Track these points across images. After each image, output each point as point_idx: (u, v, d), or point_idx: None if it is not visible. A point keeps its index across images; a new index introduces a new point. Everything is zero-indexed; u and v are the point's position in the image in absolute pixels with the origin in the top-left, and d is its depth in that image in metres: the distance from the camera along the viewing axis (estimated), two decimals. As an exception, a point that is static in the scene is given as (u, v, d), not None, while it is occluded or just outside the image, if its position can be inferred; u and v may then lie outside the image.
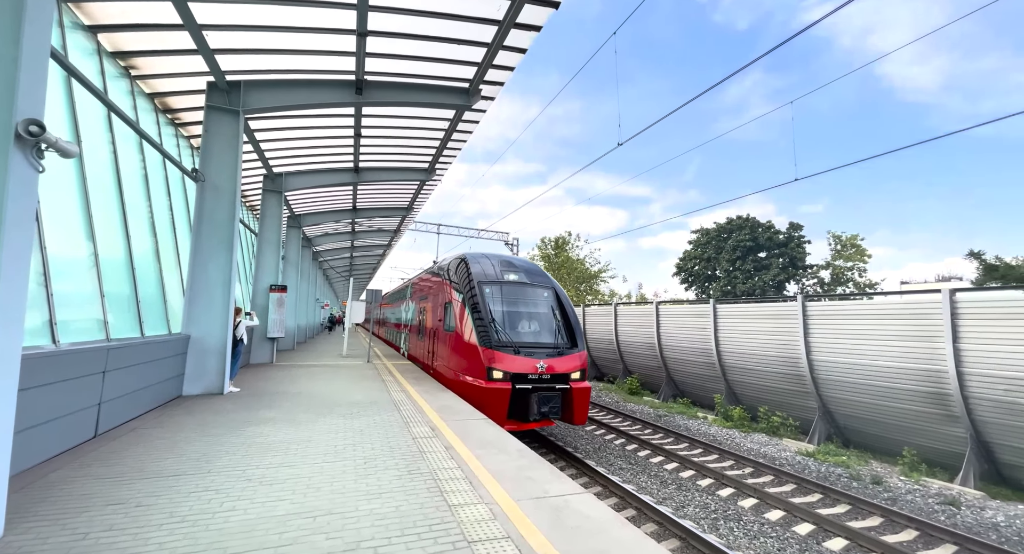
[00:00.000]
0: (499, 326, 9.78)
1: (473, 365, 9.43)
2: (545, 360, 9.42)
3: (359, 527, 3.46)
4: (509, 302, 10.47)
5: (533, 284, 11.14)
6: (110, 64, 7.98)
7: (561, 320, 10.72)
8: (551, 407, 9.19)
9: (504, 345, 9.44)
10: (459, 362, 10.09)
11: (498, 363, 9.12)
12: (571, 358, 9.85)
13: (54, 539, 3.16)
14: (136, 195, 8.39)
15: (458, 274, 11.12)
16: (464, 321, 10.01)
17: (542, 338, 10.23)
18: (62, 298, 5.57)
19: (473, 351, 9.52)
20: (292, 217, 20.04)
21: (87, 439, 5.44)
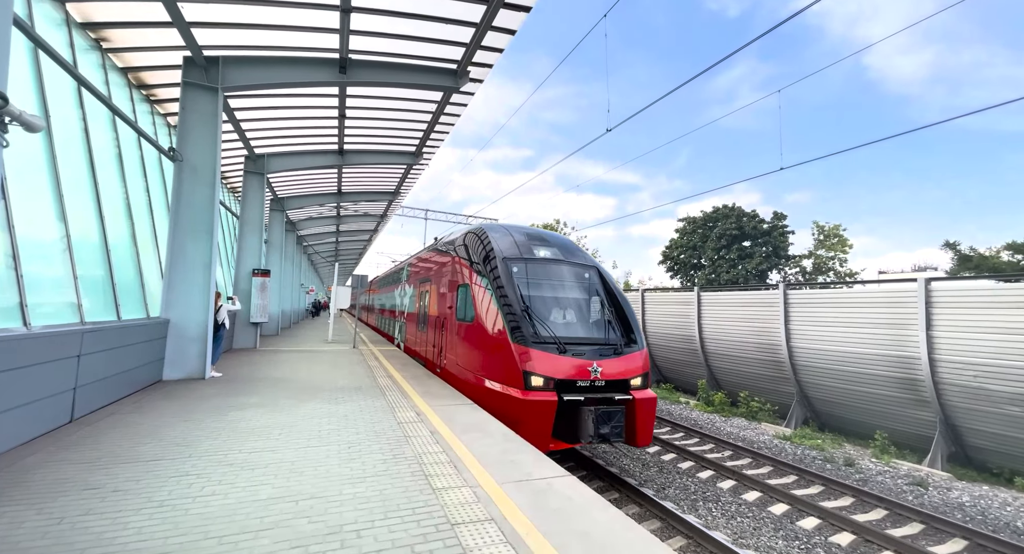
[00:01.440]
0: (536, 316, 7.53)
1: (503, 368, 7.25)
2: (599, 361, 7.27)
3: (342, 511, 3.46)
4: (544, 285, 8.29)
5: (571, 262, 8.87)
6: (80, 36, 7.62)
7: (612, 308, 8.43)
8: (613, 426, 6.87)
9: (544, 342, 7.20)
10: (481, 362, 7.91)
11: (538, 366, 6.95)
12: (631, 359, 7.65)
13: (29, 523, 3.10)
14: (110, 174, 8.11)
15: (476, 250, 8.83)
16: (487, 309, 7.86)
17: (591, 332, 8.05)
18: (33, 280, 5.39)
19: (502, 349, 7.30)
20: (275, 200, 19.62)
21: (63, 424, 5.32)
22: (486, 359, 7.78)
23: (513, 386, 7.00)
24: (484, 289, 8.08)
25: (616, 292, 8.69)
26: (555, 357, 7.08)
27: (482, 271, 8.32)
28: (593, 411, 6.80)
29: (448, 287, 9.97)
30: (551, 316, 7.92)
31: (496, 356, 7.46)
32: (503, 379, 7.22)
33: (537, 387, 6.87)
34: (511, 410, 6.87)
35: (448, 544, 3.06)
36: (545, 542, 3.12)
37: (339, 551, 2.92)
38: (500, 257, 8.23)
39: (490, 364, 7.63)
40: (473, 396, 7.88)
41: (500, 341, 7.39)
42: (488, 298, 7.90)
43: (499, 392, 7.18)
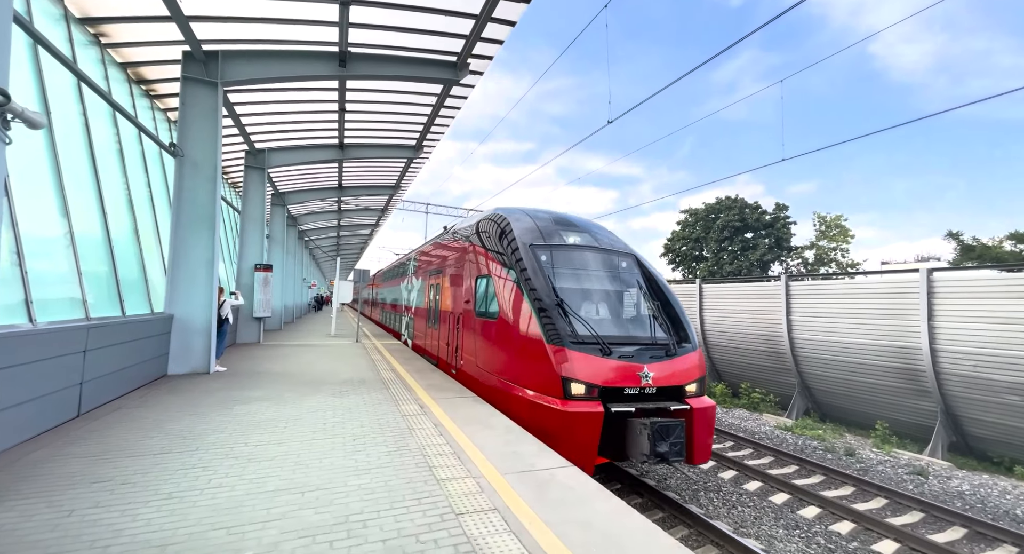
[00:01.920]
0: (572, 312, 6.61)
1: (536, 373, 6.36)
2: (649, 365, 6.36)
3: (348, 502, 3.51)
4: (577, 275, 7.41)
5: (606, 248, 7.93)
6: (78, 31, 7.59)
7: (658, 301, 7.51)
8: (673, 443, 5.80)
9: (585, 342, 6.27)
10: (509, 366, 6.98)
11: (580, 371, 6.04)
12: (685, 361, 6.73)
13: (39, 516, 3.15)
14: (111, 170, 8.12)
15: (497, 237, 7.92)
16: (513, 304, 6.93)
17: (636, 330, 7.06)
18: (38, 277, 5.42)
19: (535, 351, 6.40)
20: (276, 195, 19.61)
21: (70, 418, 5.39)
22: (515, 362, 6.81)
23: (550, 395, 6.09)
24: (509, 281, 7.14)
25: (659, 282, 7.73)
26: (598, 360, 6.17)
27: (506, 261, 7.34)
28: (648, 425, 5.74)
29: (464, 279, 9.00)
30: (589, 312, 7.00)
31: (528, 359, 6.53)
32: (537, 386, 6.30)
33: (578, 396, 5.97)
34: (548, 423, 5.94)
35: (453, 533, 3.10)
36: (548, 531, 3.16)
37: (345, 540, 2.97)
38: (526, 244, 7.29)
39: (520, 368, 6.67)
40: (499, 404, 6.85)
41: (532, 342, 6.46)
42: (515, 291, 6.94)
43: (532, 401, 6.25)
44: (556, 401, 6.00)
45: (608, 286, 7.56)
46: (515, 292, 6.94)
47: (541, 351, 6.31)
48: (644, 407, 6.18)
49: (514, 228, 7.74)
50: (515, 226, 7.80)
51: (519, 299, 6.84)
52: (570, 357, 6.11)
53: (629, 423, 6.10)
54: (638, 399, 6.26)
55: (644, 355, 6.51)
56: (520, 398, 6.52)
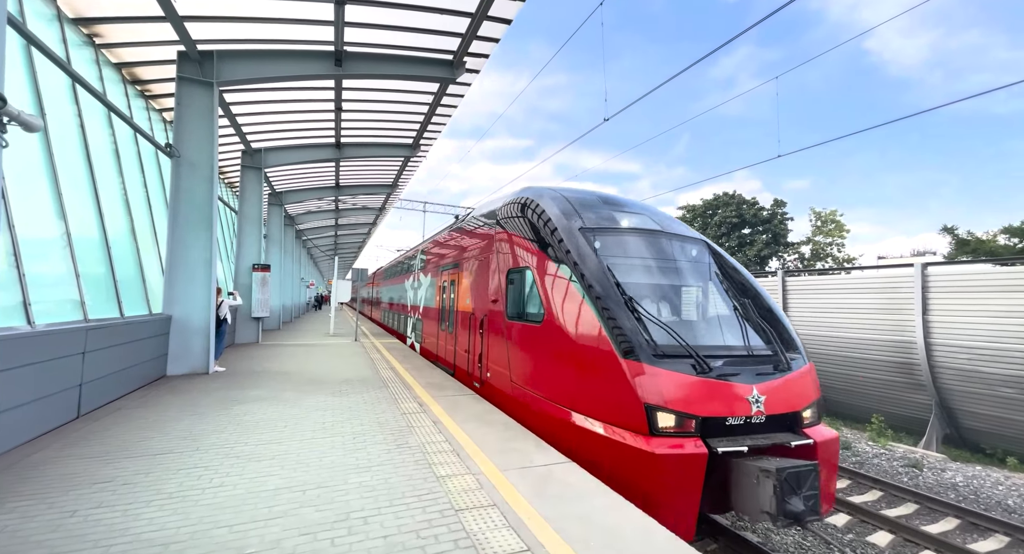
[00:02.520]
0: (650, 315, 5.15)
1: (604, 396, 4.85)
2: (758, 384, 4.82)
3: (348, 499, 3.55)
4: (644, 267, 5.97)
5: (672, 233, 6.52)
6: (72, 31, 7.57)
7: (747, 299, 6.01)
8: (807, 496, 4.16)
9: (671, 355, 4.79)
10: (561, 385, 5.44)
11: (670, 395, 4.54)
12: (799, 378, 5.22)
13: (41, 517, 3.18)
14: (107, 172, 8.11)
15: (536, 220, 6.45)
16: (566, 304, 5.46)
17: (729, 337, 5.54)
18: (35, 279, 5.43)
19: (602, 366, 4.89)
20: (273, 194, 19.58)
21: (70, 420, 5.40)
22: (570, 380, 5.27)
23: (626, 427, 4.59)
24: (558, 275, 5.65)
25: (744, 275, 6.30)
26: (693, 380, 4.67)
27: (552, 249, 5.89)
28: (773, 473, 4.07)
29: (490, 274, 7.54)
30: (666, 313, 5.69)
31: (590, 377, 5.00)
32: (606, 414, 4.79)
33: (668, 430, 4.44)
34: (625, 468, 4.45)
35: (452, 529, 3.14)
36: (546, 525, 3.21)
37: (346, 537, 3.00)
38: (576, 228, 5.90)
39: (578, 389, 5.14)
40: (546, 433, 5.36)
41: (597, 354, 4.94)
42: (567, 288, 5.48)
43: (600, 436, 4.72)
44: (636, 437, 4.45)
45: (683, 280, 6.12)
46: (567, 288, 5.47)
47: (612, 367, 4.74)
48: (757, 444, 4.54)
49: (557, 209, 6.28)
50: (557, 207, 6.34)
51: (574, 297, 5.35)
52: (655, 376, 4.56)
53: (738, 467, 4.45)
54: (744, 431, 4.67)
55: (749, 371, 4.94)
56: (580, 430, 4.94)
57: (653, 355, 4.71)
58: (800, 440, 4.74)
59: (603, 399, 4.87)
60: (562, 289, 5.57)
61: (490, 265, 7.62)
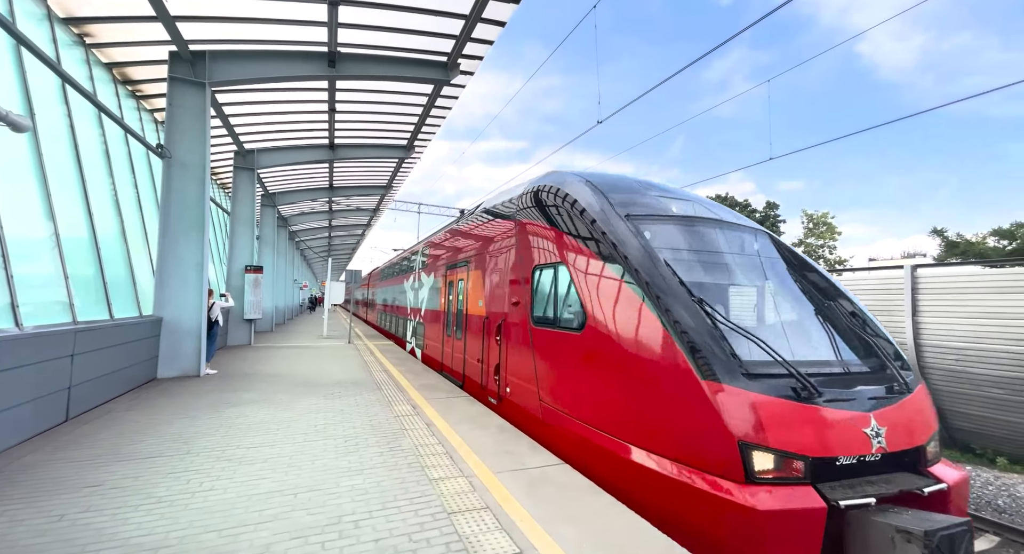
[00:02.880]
0: (732, 323, 4.08)
1: (678, 427, 3.81)
2: (875, 413, 3.77)
3: (340, 502, 3.53)
4: (708, 263, 4.95)
5: (731, 222, 5.54)
6: (62, 31, 7.50)
7: (836, 302, 4.93)
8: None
9: (764, 375, 3.74)
10: (613, 409, 4.37)
11: (772, 428, 3.49)
12: (917, 403, 4.16)
13: (29, 521, 3.14)
14: (97, 172, 8.04)
15: (572, 207, 5.27)
16: (619, 307, 4.42)
17: (825, 351, 4.43)
18: (24, 280, 5.36)
19: (674, 388, 3.86)
20: (266, 195, 19.48)
21: (59, 423, 5.34)
22: (628, 404, 4.13)
23: (711, 469, 3.50)
24: (605, 273, 4.58)
25: (820, 272, 5.28)
26: (797, 408, 3.58)
27: (596, 242, 4.79)
28: (922, 538, 2.96)
29: (509, 270, 6.52)
30: (747, 321, 4.57)
31: (659, 402, 3.90)
32: (684, 452, 3.68)
33: (767, 475, 3.38)
34: (714, 525, 3.37)
35: (444, 532, 3.13)
36: (538, 527, 3.21)
37: (338, 541, 2.99)
38: (622, 215, 4.86)
39: (641, 416, 4.00)
40: (595, 470, 4.25)
41: (668, 372, 3.83)
42: (620, 288, 4.38)
43: (673, 480, 3.65)
44: (726, 485, 3.36)
45: (755, 278, 5.05)
46: (620, 289, 4.39)
47: (688, 389, 3.65)
48: (882, 492, 3.43)
49: (597, 194, 5.22)
50: (596, 191, 5.27)
51: (629, 300, 4.26)
52: (750, 402, 3.47)
53: (862, 524, 3.32)
54: (857, 472, 3.59)
55: (860, 395, 3.87)
56: (641, 470, 3.87)
57: (743, 375, 3.61)
58: (932, 485, 3.60)
59: (675, 431, 3.74)
60: (612, 289, 4.50)
61: (510, 261, 6.60)
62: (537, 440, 5.18)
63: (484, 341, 7.26)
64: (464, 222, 9.71)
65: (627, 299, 4.33)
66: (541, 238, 5.85)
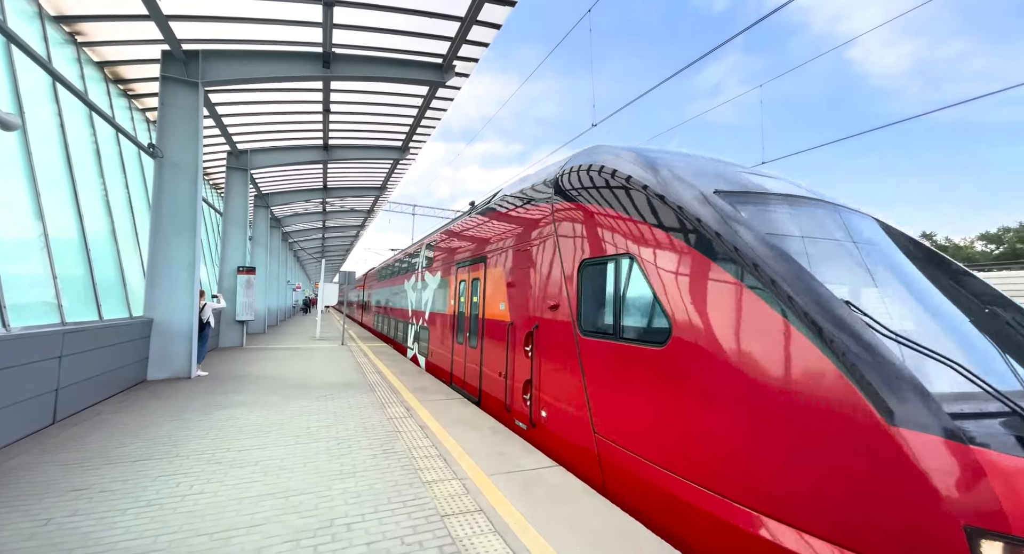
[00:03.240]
0: (908, 343, 2.70)
1: (857, 501, 2.42)
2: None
3: (333, 505, 3.50)
4: (842, 261, 3.74)
5: (835, 204, 4.41)
6: (53, 29, 7.43)
7: (998, 307, 3.69)
8: None
9: (978, 415, 2.44)
10: (737, 466, 2.98)
11: (1011, 506, 2.05)
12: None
13: (14, 526, 3.08)
14: (88, 172, 7.95)
15: (641, 183, 4.10)
16: (746, 319, 3.16)
17: (1008, 375, 2.91)
18: (11, 281, 5.29)
19: (847, 438, 2.52)
20: (259, 196, 19.36)
21: (46, 425, 5.26)
22: (760, 456, 2.94)
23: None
24: (707, 273, 3.45)
25: (953, 265, 4.16)
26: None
27: (684, 229, 3.66)
28: None
29: (547, 266, 5.36)
30: (918, 336, 3.12)
31: (818, 456, 2.67)
32: (862, 537, 2.42)
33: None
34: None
35: (438, 535, 3.12)
36: (531, 529, 3.20)
37: (330, 544, 2.97)
38: (708, 193, 3.80)
39: (784, 475, 2.81)
40: (692, 538, 3.23)
41: (831, 412, 2.64)
42: (735, 293, 3.27)
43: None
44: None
45: (900, 279, 3.77)
46: (735, 294, 3.25)
47: (871, 440, 2.48)
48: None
49: (671, 167, 4.15)
50: (670, 164, 4.23)
51: (756, 310, 3.11)
52: (976, 463, 2.26)
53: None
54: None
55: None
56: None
57: (951, 416, 2.38)
58: None
59: (847, 504, 2.49)
60: (723, 294, 3.30)
61: (544, 255, 5.44)
62: (589, 482, 4.19)
63: (508, 352, 6.07)
64: (478, 213, 8.31)
65: (752, 308, 3.12)
66: (593, 226, 4.59)
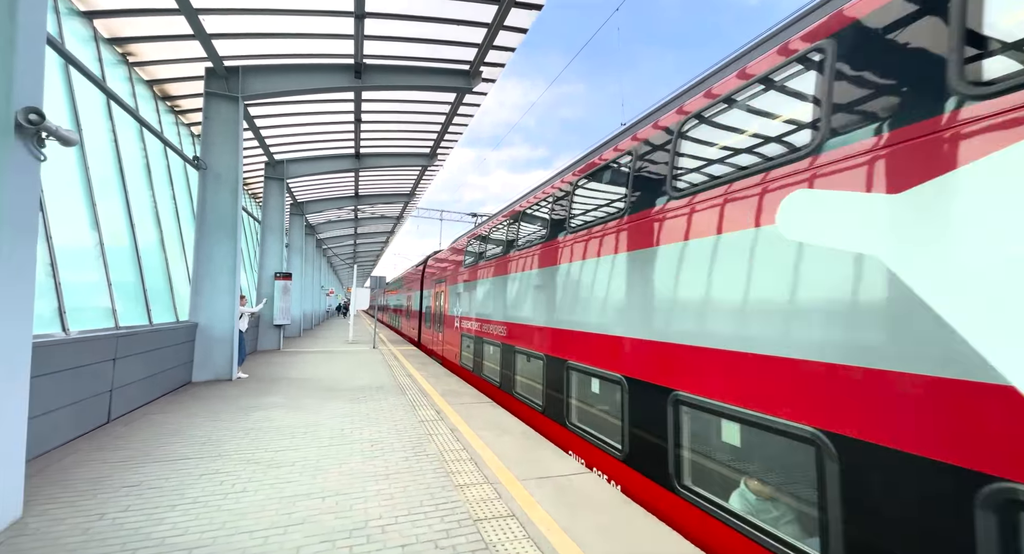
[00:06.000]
0: None
1: None
2: None
3: (367, 507, 3.54)
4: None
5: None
6: (107, 50, 7.91)
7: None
8: None
9: None
10: None
11: None
12: None
13: (71, 520, 3.25)
14: (138, 184, 8.40)
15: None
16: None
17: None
18: (70, 287, 5.63)
19: None
20: (295, 204, 20.03)
21: (100, 424, 5.55)
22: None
23: None
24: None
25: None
26: None
27: None
28: None
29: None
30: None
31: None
32: None
33: None
34: None
35: (471, 539, 3.10)
36: (565, 537, 3.14)
37: (365, 546, 2.99)
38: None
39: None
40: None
41: None
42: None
43: None
44: None
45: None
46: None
47: None
48: None
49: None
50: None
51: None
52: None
53: None
54: None
55: None
56: None
57: None
58: None
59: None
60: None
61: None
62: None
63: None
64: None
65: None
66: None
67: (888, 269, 2.33)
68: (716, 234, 3.45)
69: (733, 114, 3.69)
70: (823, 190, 2.73)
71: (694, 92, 4.25)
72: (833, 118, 2.76)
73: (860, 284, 2.47)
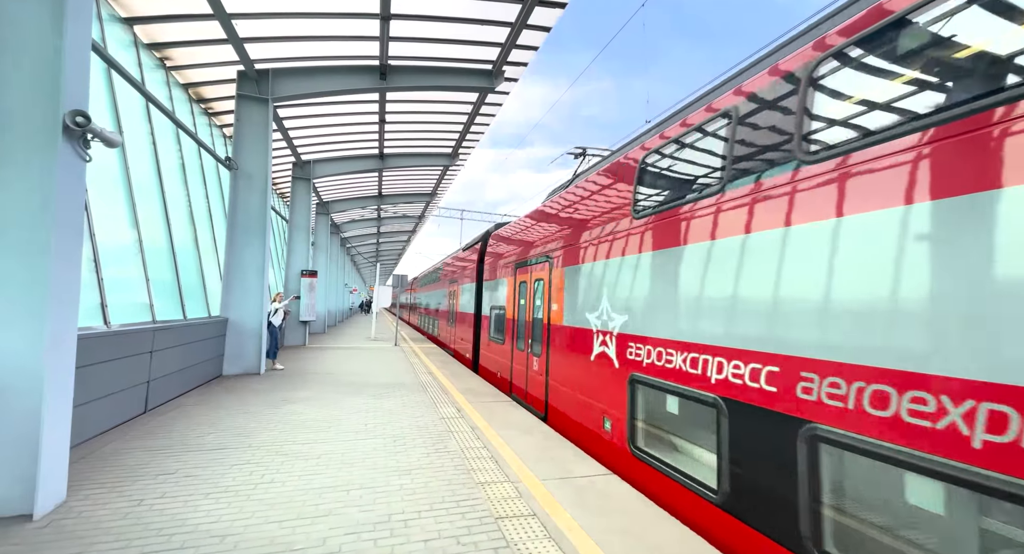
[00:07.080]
0: None
1: None
2: None
3: (390, 501, 3.60)
4: None
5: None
6: (146, 55, 8.23)
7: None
8: None
9: None
10: None
11: None
12: None
13: (112, 504, 3.41)
14: (175, 184, 8.73)
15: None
16: None
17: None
18: (111, 283, 5.89)
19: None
20: (320, 204, 20.47)
21: (138, 414, 5.80)
22: None
23: None
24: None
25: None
26: None
27: None
28: None
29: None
30: None
31: None
32: None
33: None
34: None
35: (492, 537, 3.12)
36: (587, 538, 3.13)
37: (388, 539, 3.05)
38: None
39: None
40: None
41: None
42: None
43: None
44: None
45: None
46: None
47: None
48: None
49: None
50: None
51: None
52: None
53: None
54: None
55: None
56: None
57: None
58: None
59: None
60: None
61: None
62: None
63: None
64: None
65: None
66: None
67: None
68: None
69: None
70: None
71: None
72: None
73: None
